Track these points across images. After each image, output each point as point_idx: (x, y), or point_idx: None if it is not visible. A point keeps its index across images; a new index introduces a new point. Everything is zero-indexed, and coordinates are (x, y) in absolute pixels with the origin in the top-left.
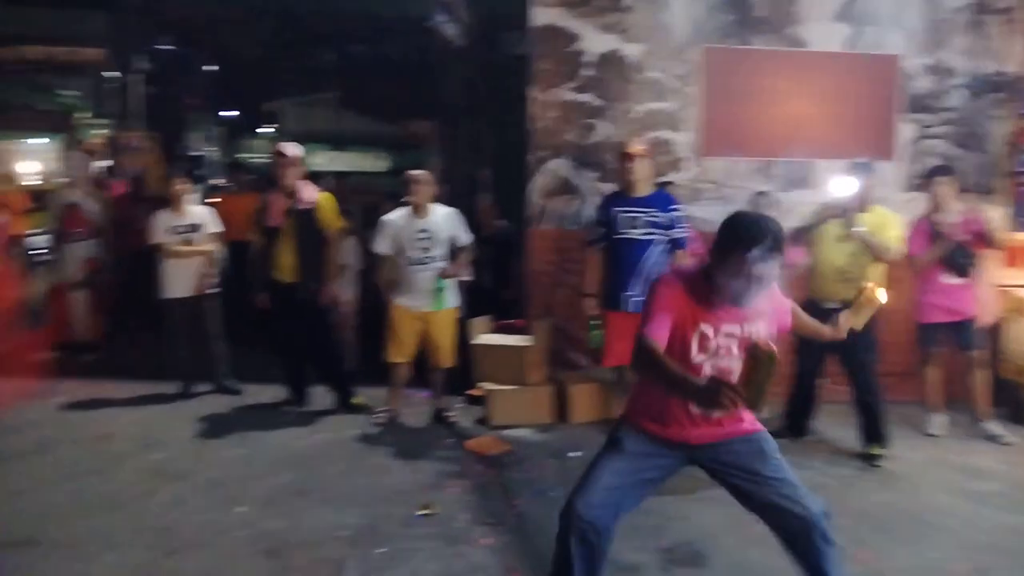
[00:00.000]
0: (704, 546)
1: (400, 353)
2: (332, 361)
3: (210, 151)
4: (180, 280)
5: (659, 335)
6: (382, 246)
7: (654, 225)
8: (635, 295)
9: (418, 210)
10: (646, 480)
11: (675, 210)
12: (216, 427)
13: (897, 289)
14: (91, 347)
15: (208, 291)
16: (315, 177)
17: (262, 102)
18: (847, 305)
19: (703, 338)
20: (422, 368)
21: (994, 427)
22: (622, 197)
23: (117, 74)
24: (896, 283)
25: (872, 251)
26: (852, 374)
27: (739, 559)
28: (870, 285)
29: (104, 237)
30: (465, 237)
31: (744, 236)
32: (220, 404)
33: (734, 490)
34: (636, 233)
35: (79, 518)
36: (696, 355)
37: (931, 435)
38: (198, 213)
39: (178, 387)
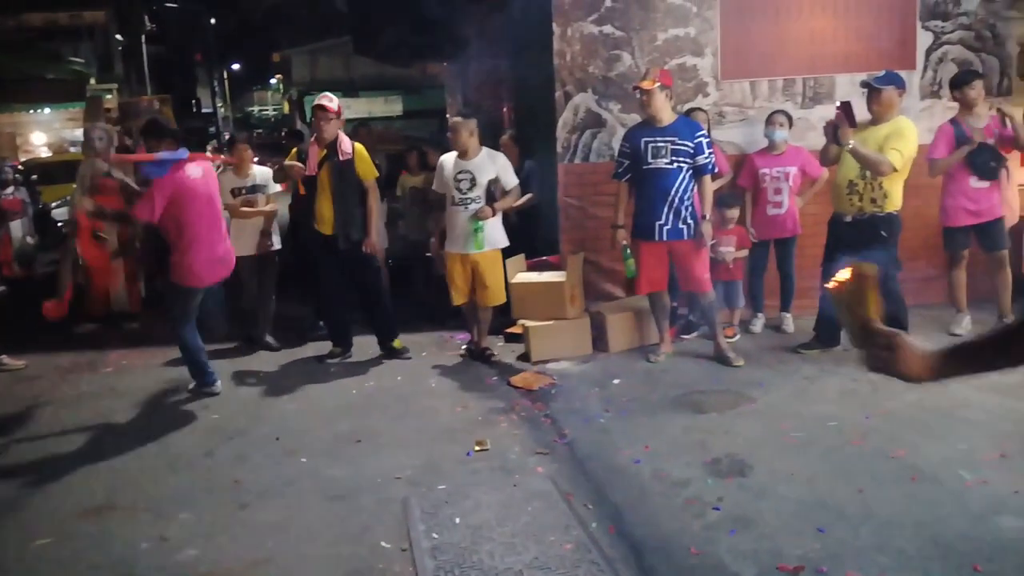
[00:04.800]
0: (747, 457)
1: (458, 296)
2: (381, 308)
3: (220, 107)
4: (243, 239)
5: None
6: (435, 185)
7: (680, 153)
8: (665, 224)
9: (463, 153)
10: None
11: (700, 136)
12: (267, 384)
13: (921, 195)
14: (131, 316)
15: (269, 250)
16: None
17: (271, 52)
18: (859, 218)
19: None
20: (459, 310)
21: None
22: (647, 127)
23: (121, 36)
24: (921, 189)
25: (865, 165)
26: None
27: (780, 466)
28: None
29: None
30: (510, 180)
31: None
32: (266, 362)
33: None
34: (663, 162)
35: (148, 482)
36: None
37: (956, 335)
38: (259, 174)
39: (241, 341)
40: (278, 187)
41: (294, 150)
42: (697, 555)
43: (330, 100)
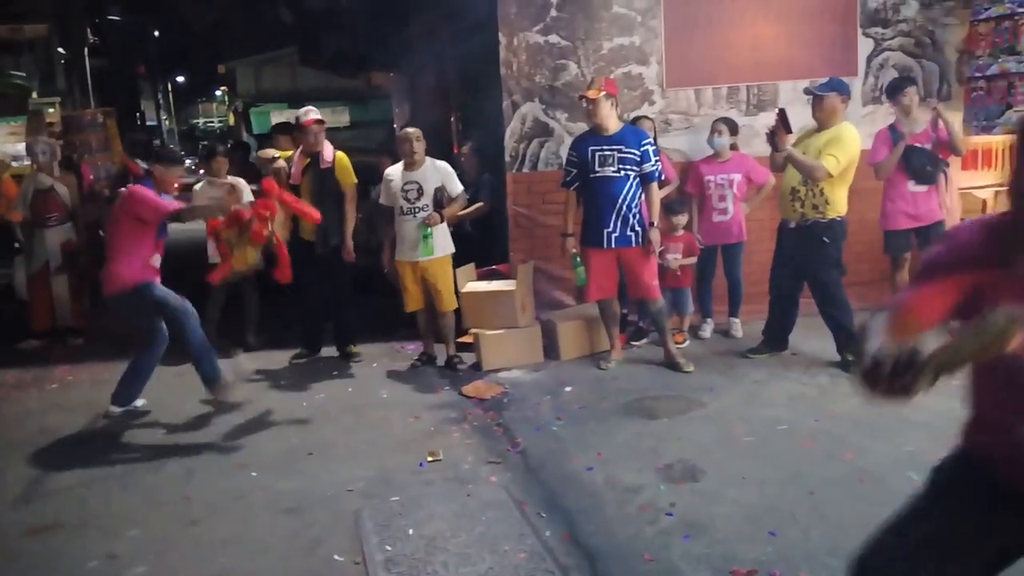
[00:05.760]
0: (698, 461)
1: (411, 303)
2: (344, 312)
3: (165, 119)
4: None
5: (921, 304)
6: (382, 198)
7: (627, 161)
8: (614, 231)
9: (409, 164)
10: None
11: (646, 144)
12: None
13: (866, 199)
14: (76, 331)
15: None
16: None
17: (215, 64)
18: (802, 225)
19: None
20: (412, 321)
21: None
22: (593, 136)
23: (63, 49)
24: (865, 194)
25: (801, 171)
26: (814, 290)
27: (731, 470)
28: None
29: (77, 220)
30: (455, 188)
31: None
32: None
33: None
34: (610, 171)
35: (96, 498)
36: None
37: None
38: (236, 183)
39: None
40: (251, 197)
41: (289, 152)
42: (651, 561)
43: (310, 111)
